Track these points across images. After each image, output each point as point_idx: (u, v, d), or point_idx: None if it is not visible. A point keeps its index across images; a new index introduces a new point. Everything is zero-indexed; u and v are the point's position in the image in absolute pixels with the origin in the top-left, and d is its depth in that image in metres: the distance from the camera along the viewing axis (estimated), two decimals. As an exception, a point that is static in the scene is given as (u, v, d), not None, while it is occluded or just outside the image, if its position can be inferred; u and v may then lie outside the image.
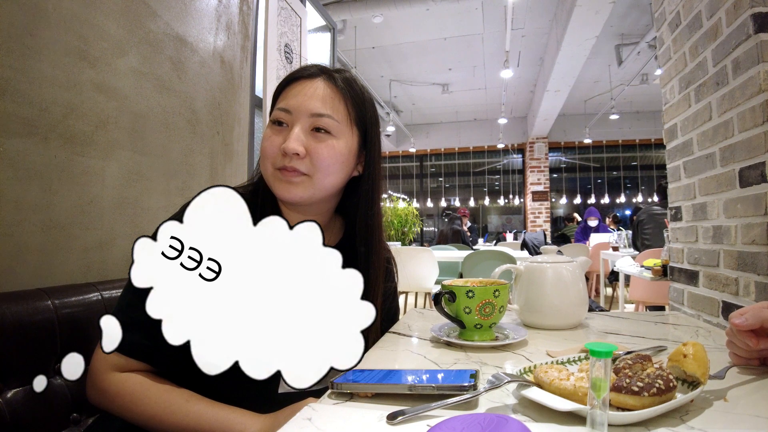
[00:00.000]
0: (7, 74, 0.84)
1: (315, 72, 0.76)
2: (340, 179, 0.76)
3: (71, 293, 0.80)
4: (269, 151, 0.72)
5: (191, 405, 0.62)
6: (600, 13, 4.60)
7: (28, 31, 0.88)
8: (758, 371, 0.59)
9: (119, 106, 1.08)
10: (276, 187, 0.72)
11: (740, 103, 1.34)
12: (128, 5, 1.11)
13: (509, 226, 11.27)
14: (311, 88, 0.73)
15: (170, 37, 1.25)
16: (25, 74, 0.87)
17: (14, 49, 0.85)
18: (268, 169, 0.73)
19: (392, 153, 11.08)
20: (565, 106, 8.13)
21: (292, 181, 0.71)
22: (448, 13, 5.63)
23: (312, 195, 0.73)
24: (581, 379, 0.47)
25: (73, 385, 0.76)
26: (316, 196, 0.74)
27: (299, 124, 0.72)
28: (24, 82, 0.87)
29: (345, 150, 0.75)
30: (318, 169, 0.72)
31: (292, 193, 0.71)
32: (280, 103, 0.74)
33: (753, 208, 1.30)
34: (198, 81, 1.36)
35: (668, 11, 1.81)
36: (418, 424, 0.45)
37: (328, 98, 0.73)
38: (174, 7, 1.27)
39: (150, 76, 1.17)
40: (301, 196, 0.72)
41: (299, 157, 0.71)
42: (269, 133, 0.74)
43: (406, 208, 6.80)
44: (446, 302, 0.77)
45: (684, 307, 1.74)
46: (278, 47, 2.10)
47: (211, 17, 1.43)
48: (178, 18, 1.28)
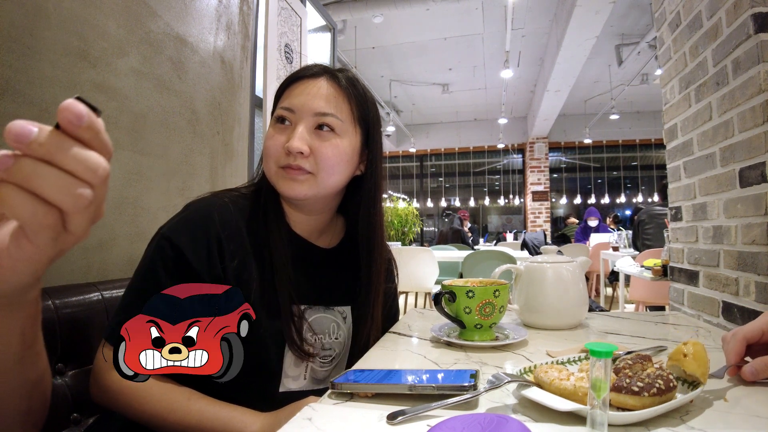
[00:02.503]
0: (7, 74, 0.84)
1: (318, 71, 0.76)
2: (344, 178, 0.77)
3: (71, 293, 0.80)
4: (273, 150, 0.72)
5: (192, 403, 0.62)
6: (600, 13, 4.60)
7: (28, 31, 0.88)
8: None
9: (119, 106, 1.08)
10: (280, 185, 0.72)
11: (740, 103, 1.34)
12: (128, 5, 1.11)
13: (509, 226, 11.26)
14: (314, 87, 0.73)
15: (170, 37, 1.25)
16: (25, 74, 0.87)
17: (14, 49, 0.85)
18: (271, 168, 0.73)
19: (392, 153, 11.08)
20: (565, 106, 8.13)
21: (296, 178, 0.71)
22: (449, 13, 5.63)
23: (316, 193, 0.73)
24: (581, 379, 0.47)
25: (74, 386, 0.76)
26: (320, 193, 0.74)
27: (303, 122, 0.72)
28: (24, 82, 0.87)
29: (349, 149, 0.75)
30: (322, 168, 0.72)
31: (297, 190, 0.71)
32: (283, 102, 0.74)
33: (753, 208, 1.30)
34: (198, 81, 1.36)
35: (668, 11, 1.81)
36: (418, 424, 0.45)
37: (331, 97, 0.73)
38: (174, 7, 1.27)
39: (150, 76, 1.17)
40: (305, 193, 0.72)
41: (303, 156, 0.71)
42: (272, 132, 0.74)
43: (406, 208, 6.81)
44: (446, 302, 0.77)
45: (684, 307, 1.74)
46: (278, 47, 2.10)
47: (211, 17, 1.43)
48: (179, 18, 1.28)
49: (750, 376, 0.54)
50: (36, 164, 0.28)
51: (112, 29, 1.06)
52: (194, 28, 1.35)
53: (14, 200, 0.28)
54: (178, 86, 1.27)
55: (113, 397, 0.61)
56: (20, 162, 0.28)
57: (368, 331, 0.80)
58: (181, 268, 0.65)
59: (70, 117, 0.28)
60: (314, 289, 0.77)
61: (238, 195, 0.77)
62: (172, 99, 1.24)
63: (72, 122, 0.28)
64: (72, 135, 0.29)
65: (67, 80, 0.95)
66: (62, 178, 0.29)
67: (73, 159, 0.29)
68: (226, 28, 1.52)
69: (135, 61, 1.12)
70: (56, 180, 0.28)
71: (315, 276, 0.78)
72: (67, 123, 0.28)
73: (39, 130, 0.28)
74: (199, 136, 1.36)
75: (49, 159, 0.28)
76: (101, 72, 1.03)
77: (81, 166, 0.29)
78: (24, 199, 0.28)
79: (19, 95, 0.86)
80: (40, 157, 0.28)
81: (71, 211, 0.30)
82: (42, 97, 0.90)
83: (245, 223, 0.73)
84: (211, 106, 1.42)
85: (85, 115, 0.29)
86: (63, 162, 0.29)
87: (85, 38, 0.99)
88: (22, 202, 0.28)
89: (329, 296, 0.79)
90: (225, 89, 1.50)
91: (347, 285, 0.81)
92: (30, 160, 0.28)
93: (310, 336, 0.74)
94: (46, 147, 0.28)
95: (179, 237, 0.66)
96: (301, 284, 0.74)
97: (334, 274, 0.81)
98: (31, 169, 0.28)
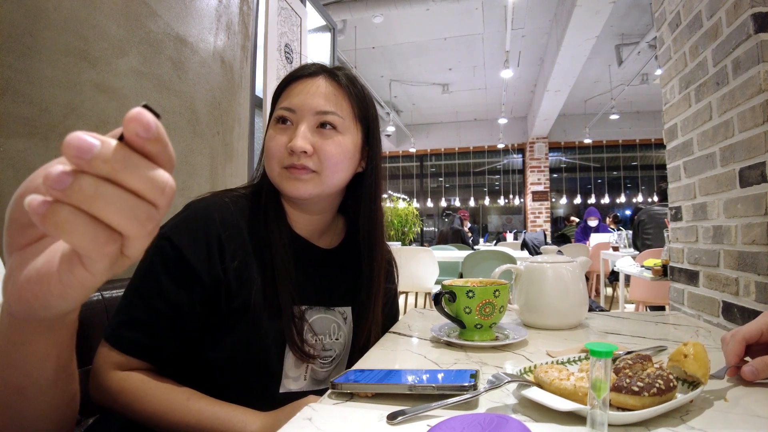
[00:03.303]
0: (7, 74, 0.84)
1: (316, 70, 0.76)
2: (347, 175, 0.77)
3: (71, 293, 0.79)
4: (275, 151, 0.72)
5: (192, 403, 0.62)
6: (600, 13, 4.60)
7: (28, 31, 0.88)
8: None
9: (119, 106, 1.08)
10: (284, 185, 0.72)
11: (740, 103, 1.34)
12: (128, 5, 1.11)
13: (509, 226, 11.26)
14: (314, 86, 0.73)
15: (170, 37, 1.25)
16: (25, 74, 0.87)
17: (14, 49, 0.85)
18: (274, 168, 0.73)
19: (392, 153, 11.08)
20: (565, 106, 8.13)
21: (300, 178, 0.71)
22: (449, 13, 5.63)
23: (321, 191, 0.73)
24: (581, 379, 0.47)
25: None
26: (324, 192, 0.74)
27: (305, 122, 0.72)
28: (24, 82, 0.87)
29: (351, 146, 0.75)
30: (326, 166, 0.72)
31: (302, 190, 0.71)
32: (283, 103, 0.74)
33: (753, 208, 1.30)
34: (198, 81, 1.36)
35: (668, 11, 1.81)
36: (418, 424, 0.45)
37: (331, 95, 0.73)
38: (174, 7, 1.27)
39: (150, 76, 1.17)
40: (310, 192, 0.72)
41: (307, 155, 0.71)
42: (273, 133, 0.73)
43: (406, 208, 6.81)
44: (446, 302, 0.77)
45: (684, 307, 1.74)
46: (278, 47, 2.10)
47: (211, 17, 1.43)
48: (179, 18, 1.28)
49: (750, 376, 0.54)
50: (98, 183, 0.24)
51: (112, 29, 1.06)
52: (194, 28, 1.35)
53: (73, 225, 0.24)
54: (178, 86, 1.27)
55: (112, 398, 0.61)
56: (80, 181, 0.24)
57: (369, 329, 0.80)
58: (181, 269, 0.65)
59: (138, 129, 0.24)
60: (315, 289, 0.77)
61: (238, 195, 0.76)
62: (172, 99, 1.24)
63: (140, 135, 0.25)
64: (137, 149, 0.25)
65: (67, 80, 0.95)
66: (128, 199, 0.25)
67: (140, 178, 0.25)
68: (226, 28, 1.52)
69: (135, 61, 1.12)
70: (121, 202, 0.25)
71: (316, 276, 0.78)
72: (134, 136, 0.25)
73: (101, 143, 0.24)
74: (199, 136, 1.36)
75: (113, 177, 0.25)
76: (101, 72, 1.03)
77: (148, 186, 0.26)
78: (84, 223, 0.25)
79: (19, 95, 0.86)
80: (103, 175, 0.25)
81: (136, 237, 0.26)
82: (42, 97, 0.90)
83: (246, 223, 0.73)
84: (211, 106, 1.42)
85: (153, 126, 0.25)
86: (128, 181, 0.25)
87: (85, 38, 0.99)
88: (82, 228, 0.25)
89: (330, 297, 0.79)
90: (225, 89, 1.50)
91: (348, 285, 0.81)
92: (91, 179, 0.24)
93: (311, 337, 0.74)
94: (110, 164, 0.24)
95: (179, 237, 0.66)
96: (302, 285, 0.74)
97: (334, 275, 0.81)
98: (93, 190, 0.24)
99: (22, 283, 0.30)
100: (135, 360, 0.63)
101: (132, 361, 0.63)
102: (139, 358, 0.63)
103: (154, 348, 0.64)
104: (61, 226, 0.24)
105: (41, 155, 0.90)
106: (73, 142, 0.24)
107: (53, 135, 0.92)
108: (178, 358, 0.66)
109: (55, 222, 0.24)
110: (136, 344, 0.63)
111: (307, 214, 0.79)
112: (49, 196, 0.24)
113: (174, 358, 0.66)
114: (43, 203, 0.24)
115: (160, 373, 0.66)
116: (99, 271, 0.27)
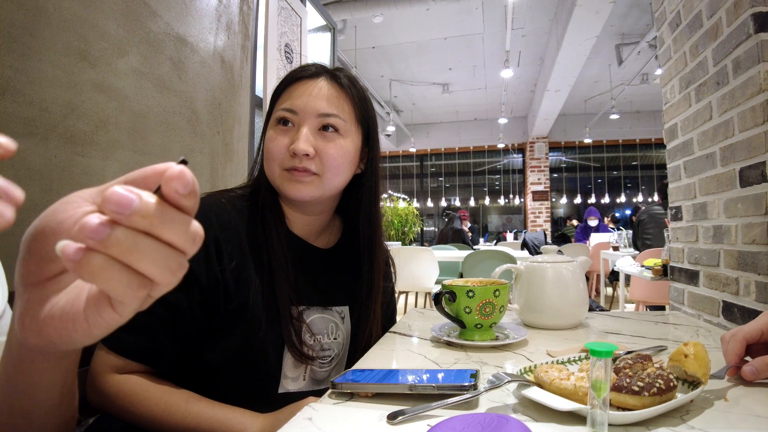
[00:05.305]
0: (7, 74, 0.84)
1: (317, 71, 0.75)
2: (347, 177, 0.77)
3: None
4: (276, 153, 0.72)
5: (191, 405, 0.62)
6: (600, 13, 4.59)
7: (28, 31, 0.88)
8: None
9: (119, 106, 1.08)
10: (285, 187, 0.72)
11: (740, 103, 1.34)
12: (128, 5, 1.11)
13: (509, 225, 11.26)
14: (315, 87, 0.73)
15: (170, 37, 1.25)
16: (25, 74, 0.87)
17: (14, 49, 0.85)
18: (275, 170, 0.73)
19: (392, 153, 11.08)
20: (566, 106, 8.13)
21: (302, 180, 0.71)
22: (449, 13, 5.63)
23: (322, 194, 0.73)
24: (581, 379, 0.47)
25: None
26: (325, 194, 0.74)
27: (307, 124, 0.72)
28: (24, 82, 0.87)
29: (352, 148, 0.75)
30: (328, 169, 0.72)
31: (303, 192, 0.71)
32: (284, 104, 0.73)
33: (753, 208, 1.30)
34: (198, 81, 1.36)
35: (668, 11, 1.81)
36: (418, 424, 0.45)
37: (333, 97, 0.73)
38: (174, 7, 1.27)
39: (150, 76, 1.17)
40: (311, 194, 0.72)
41: (309, 158, 0.71)
42: (274, 134, 0.73)
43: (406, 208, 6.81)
44: (446, 302, 0.77)
45: (684, 307, 1.74)
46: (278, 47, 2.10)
47: (211, 17, 1.43)
48: (179, 18, 1.28)
49: (750, 375, 0.54)
50: (136, 237, 0.25)
51: (112, 29, 1.06)
52: (194, 28, 1.35)
53: (108, 273, 0.25)
54: (178, 86, 1.27)
55: (110, 401, 0.61)
56: (117, 233, 0.25)
57: (369, 328, 0.80)
58: None
59: (178, 188, 0.25)
60: (312, 289, 0.77)
61: (235, 196, 0.76)
62: (172, 99, 1.24)
63: (179, 192, 0.25)
64: (173, 203, 0.26)
65: (67, 80, 0.95)
66: (162, 251, 0.26)
67: (175, 231, 0.26)
68: (226, 28, 1.52)
69: (135, 61, 1.12)
70: (155, 254, 0.26)
71: (313, 277, 0.78)
72: (174, 192, 0.25)
73: (139, 199, 0.25)
74: (199, 136, 1.36)
75: (150, 231, 0.25)
76: (101, 72, 1.03)
77: (182, 238, 0.26)
78: (119, 272, 0.25)
79: (19, 95, 0.86)
80: (141, 229, 0.25)
81: (167, 285, 0.27)
82: (42, 97, 0.90)
83: (243, 224, 0.72)
84: (211, 106, 1.42)
85: (191, 183, 0.25)
86: (164, 235, 0.26)
87: (85, 38, 0.99)
88: (117, 276, 0.25)
89: (327, 296, 0.79)
90: (225, 89, 1.50)
91: (345, 285, 0.81)
92: (129, 232, 0.25)
93: (309, 337, 0.74)
94: (149, 220, 0.25)
95: None
96: (299, 285, 0.74)
97: (332, 275, 0.81)
98: (131, 243, 0.25)
99: (43, 319, 0.30)
100: (133, 363, 0.63)
101: (130, 363, 0.63)
102: (137, 361, 0.63)
103: (153, 350, 0.63)
104: (96, 275, 0.25)
105: (41, 155, 0.90)
106: (114, 198, 0.24)
107: (53, 135, 0.92)
108: (177, 361, 0.66)
109: (90, 270, 0.25)
110: (134, 347, 0.62)
111: (305, 214, 0.78)
112: (83, 244, 0.25)
113: (172, 360, 0.65)
114: (78, 251, 0.25)
115: (158, 376, 0.65)
116: (128, 313, 0.28)
